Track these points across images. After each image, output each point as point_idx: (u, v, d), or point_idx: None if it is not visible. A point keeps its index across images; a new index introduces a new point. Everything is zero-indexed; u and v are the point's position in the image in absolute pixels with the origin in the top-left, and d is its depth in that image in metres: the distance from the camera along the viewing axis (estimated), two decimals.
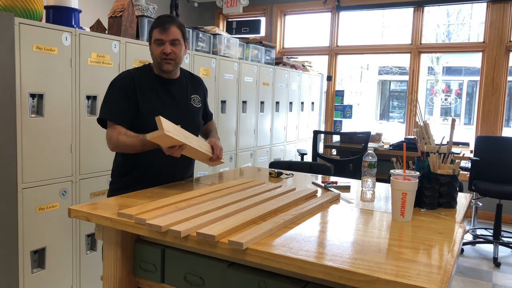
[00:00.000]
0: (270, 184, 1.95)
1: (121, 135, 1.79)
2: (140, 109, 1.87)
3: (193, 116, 2.04)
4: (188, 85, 2.06)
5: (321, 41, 5.82)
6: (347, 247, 1.21)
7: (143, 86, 1.90)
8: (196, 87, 2.11)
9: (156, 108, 1.88)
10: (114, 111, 1.85)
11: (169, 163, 1.89)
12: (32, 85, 2.21)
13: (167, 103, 1.94)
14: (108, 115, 1.85)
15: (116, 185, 1.95)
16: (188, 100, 2.03)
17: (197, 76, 2.17)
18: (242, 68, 3.96)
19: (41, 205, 2.28)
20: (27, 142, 2.19)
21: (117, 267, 1.45)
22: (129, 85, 1.87)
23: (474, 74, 11.19)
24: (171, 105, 1.95)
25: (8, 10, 2.13)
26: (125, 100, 1.86)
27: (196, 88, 2.10)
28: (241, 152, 4.09)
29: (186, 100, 2.02)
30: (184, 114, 1.98)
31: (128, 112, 1.86)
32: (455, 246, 1.25)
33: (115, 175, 1.98)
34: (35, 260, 2.29)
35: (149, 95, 1.90)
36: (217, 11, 6.18)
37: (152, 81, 1.94)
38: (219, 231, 1.23)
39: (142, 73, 1.94)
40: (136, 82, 1.89)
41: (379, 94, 13.70)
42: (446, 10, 9.69)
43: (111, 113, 1.85)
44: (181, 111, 1.97)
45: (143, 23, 2.97)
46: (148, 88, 1.92)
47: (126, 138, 1.78)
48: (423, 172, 1.72)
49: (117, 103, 1.85)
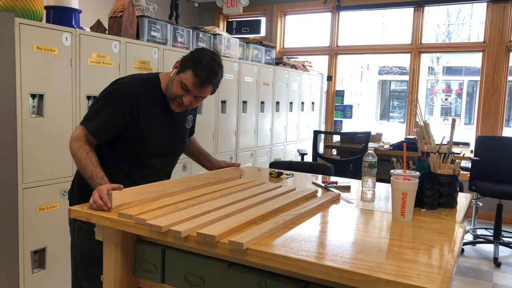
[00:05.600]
0: (270, 184, 1.95)
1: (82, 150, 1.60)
2: (139, 130, 1.72)
3: (183, 138, 1.93)
4: None
5: (321, 41, 5.82)
6: (347, 247, 1.21)
7: (147, 106, 1.73)
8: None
9: (154, 134, 1.76)
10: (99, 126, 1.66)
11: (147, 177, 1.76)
12: (32, 85, 2.21)
13: (166, 127, 1.82)
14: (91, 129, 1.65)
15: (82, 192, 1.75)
16: (184, 122, 1.91)
17: None
18: (242, 68, 3.96)
19: (42, 205, 2.28)
20: (27, 142, 2.19)
21: (117, 267, 1.45)
22: (129, 105, 1.68)
23: (474, 74, 11.19)
24: (169, 130, 1.83)
25: (8, 10, 2.13)
26: (116, 121, 1.67)
27: (193, 108, 1.95)
28: (241, 152, 4.09)
29: (183, 122, 1.90)
30: (176, 139, 1.88)
31: (112, 132, 1.69)
32: (455, 246, 1.25)
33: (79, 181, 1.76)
34: (35, 260, 2.29)
35: (151, 118, 1.75)
36: (217, 11, 6.19)
37: (158, 100, 1.76)
38: (219, 231, 1.23)
39: (149, 89, 1.75)
40: (141, 101, 1.71)
41: (379, 94, 13.70)
42: (446, 10, 9.69)
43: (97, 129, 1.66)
44: (175, 136, 1.87)
45: (143, 23, 2.97)
46: (152, 108, 1.74)
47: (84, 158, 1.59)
48: (423, 172, 1.72)
49: (106, 119, 1.66)
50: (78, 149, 1.61)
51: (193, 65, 1.67)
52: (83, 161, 1.59)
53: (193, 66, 1.67)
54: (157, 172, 1.85)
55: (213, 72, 1.68)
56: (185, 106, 1.73)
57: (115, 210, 1.43)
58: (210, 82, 1.69)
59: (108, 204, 1.44)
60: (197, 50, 1.75)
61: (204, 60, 1.68)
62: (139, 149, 1.75)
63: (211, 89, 1.73)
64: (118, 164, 1.76)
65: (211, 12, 6.25)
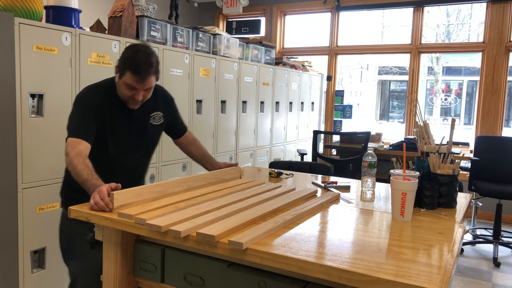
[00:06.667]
0: (270, 184, 1.95)
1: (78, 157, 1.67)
2: (106, 131, 1.83)
3: (151, 135, 2.01)
4: (150, 103, 1.97)
5: (321, 41, 5.82)
6: (347, 247, 1.21)
7: (110, 108, 1.85)
8: (159, 103, 2.02)
9: (120, 133, 1.88)
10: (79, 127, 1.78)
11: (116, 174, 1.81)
12: (32, 85, 2.21)
13: (125, 126, 1.90)
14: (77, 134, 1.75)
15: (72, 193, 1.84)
16: (148, 119, 1.98)
17: (162, 90, 2.07)
18: (242, 68, 3.97)
19: (41, 205, 2.28)
20: (27, 142, 2.19)
21: (117, 267, 1.45)
22: (97, 107, 1.81)
23: (474, 74, 11.19)
24: (129, 128, 1.92)
25: (8, 10, 2.13)
26: (91, 118, 1.80)
27: (158, 105, 2.02)
28: (241, 152, 4.09)
29: (146, 119, 1.97)
30: (139, 136, 1.95)
31: (92, 128, 1.80)
32: (455, 246, 1.25)
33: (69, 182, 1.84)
34: (35, 260, 2.29)
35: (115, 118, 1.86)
36: (217, 11, 6.19)
37: (117, 102, 1.87)
38: (219, 231, 1.23)
39: (109, 95, 1.86)
40: (104, 104, 1.83)
41: (379, 94, 13.71)
42: (446, 10, 9.70)
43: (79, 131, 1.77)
44: (137, 134, 1.94)
45: (143, 23, 2.97)
46: (114, 110, 1.86)
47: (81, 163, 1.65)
48: (423, 172, 1.72)
49: (82, 120, 1.79)
50: (74, 157, 1.67)
51: (129, 66, 1.76)
52: (79, 166, 1.64)
53: (129, 67, 1.76)
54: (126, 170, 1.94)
55: (149, 64, 1.77)
56: (140, 101, 1.84)
57: (115, 211, 1.43)
58: (150, 73, 1.78)
59: (110, 205, 1.44)
60: (126, 50, 1.84)
61: (136, 57, 1.77)
62: (104, 147, 1.85)
63: (154, 77, 1.82)
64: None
65: (211, 12, 6.26)
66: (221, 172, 2.01)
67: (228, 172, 2.05)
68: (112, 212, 1.43)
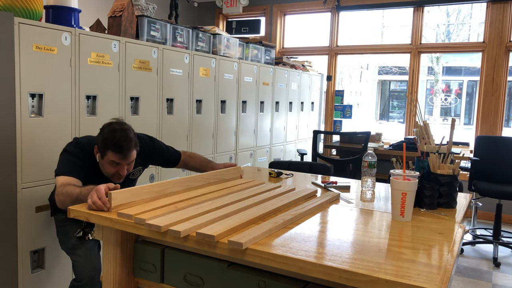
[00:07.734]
0: (270, 184, 1.95)
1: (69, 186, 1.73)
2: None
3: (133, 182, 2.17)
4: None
5: (321, 41, 5.82)
6: (347, 247, 1.21)
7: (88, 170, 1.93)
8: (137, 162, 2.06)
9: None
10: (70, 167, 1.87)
11: None
12: (31, 85, 2.20)
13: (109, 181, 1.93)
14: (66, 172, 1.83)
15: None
16: (127, 176, 2.04)
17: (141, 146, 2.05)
18: (242, 68, 3.96)
19: (41, 205, 2.27)
20: (27, 141, 2.19)
21: (116, 267, 1.45)
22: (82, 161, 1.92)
23: (474, 74, 11.19)
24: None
25: (8, 10, 2.13)
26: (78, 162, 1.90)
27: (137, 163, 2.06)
28: (241, 152, 4.09)
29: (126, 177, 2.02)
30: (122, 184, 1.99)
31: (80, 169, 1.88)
32: (455, 246, 1.25)
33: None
34: (34, 260, 2.29)
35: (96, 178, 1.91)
36: (217, 11, 6.18)
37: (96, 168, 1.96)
38: (219, 231, 1.23)
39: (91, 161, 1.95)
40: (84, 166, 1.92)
41: (379, 94, 13.70)
42: (446, 10, 9.69)
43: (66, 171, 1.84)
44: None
45: (143, 23, 2.97)
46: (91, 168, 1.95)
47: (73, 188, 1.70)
48: (423, 172, 1.72)
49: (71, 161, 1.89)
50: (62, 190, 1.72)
51: (110, 146, 1.86)
52: (69, 190, 1.69)
53: (110, 147, 1.86)
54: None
55: (128, 140, 1.88)
56: (124, 174, 1.93)
57: (115, 210, 1.43)
58: (131, 148, 1.89)
59: (107, 204, 1.44)
60: (102, 130, 1.94)
61: (115, 136, 1.86)
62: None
63: (135, 151, 1.92)
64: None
65: (211, 11, 6.25)
66: (221, 172, 2.01)
67: (228, 172, 2.05)
68: (110, 211, 1.43)
